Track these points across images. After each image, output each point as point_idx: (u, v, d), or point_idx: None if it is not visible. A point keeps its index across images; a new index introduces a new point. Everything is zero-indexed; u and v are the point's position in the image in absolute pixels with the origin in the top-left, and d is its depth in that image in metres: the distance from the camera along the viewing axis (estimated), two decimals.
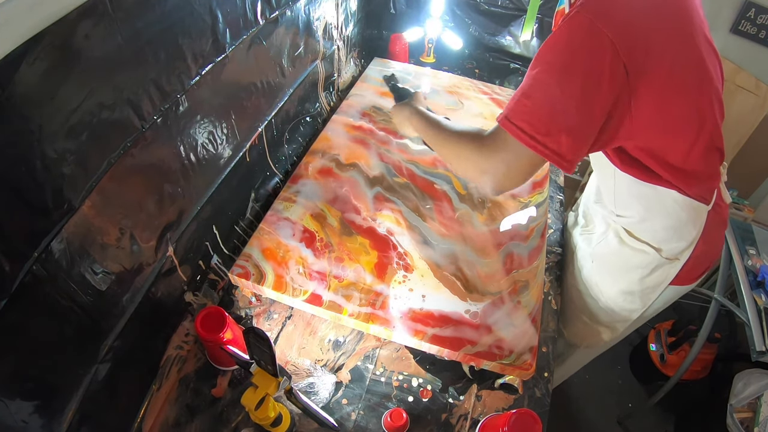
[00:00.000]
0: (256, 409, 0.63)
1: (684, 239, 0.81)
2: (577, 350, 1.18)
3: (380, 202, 1.00)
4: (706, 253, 0.85)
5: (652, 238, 0.83)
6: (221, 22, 0.72)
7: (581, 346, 1.12)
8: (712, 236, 0.83)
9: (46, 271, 0.50)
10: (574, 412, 1.62)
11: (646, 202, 0.79)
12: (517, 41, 1.58)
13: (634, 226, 0.85)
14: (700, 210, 0.78)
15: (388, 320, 0.80)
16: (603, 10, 0.58)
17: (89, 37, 0.49)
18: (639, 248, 0.84)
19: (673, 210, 0.77)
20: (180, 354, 0.81)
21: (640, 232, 0.84)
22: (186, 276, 0.82)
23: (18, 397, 0.50)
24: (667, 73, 0.61)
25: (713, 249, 0.87)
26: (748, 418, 1.23)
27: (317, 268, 0.86)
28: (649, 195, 0.76)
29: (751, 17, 1.43)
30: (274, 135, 1.04)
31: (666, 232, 0.81)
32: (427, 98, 1.02)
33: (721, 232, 0.87)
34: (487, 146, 0.68)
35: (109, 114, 0.54)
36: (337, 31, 1.25)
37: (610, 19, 0.58)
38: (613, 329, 0.99)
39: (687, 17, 0.65)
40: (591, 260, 0.95)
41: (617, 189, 0.82)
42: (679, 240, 0.81)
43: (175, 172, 0.72)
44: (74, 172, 0.51)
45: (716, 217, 0.82)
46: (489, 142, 0.68)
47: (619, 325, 0.98)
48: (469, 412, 0.79)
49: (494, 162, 0.66)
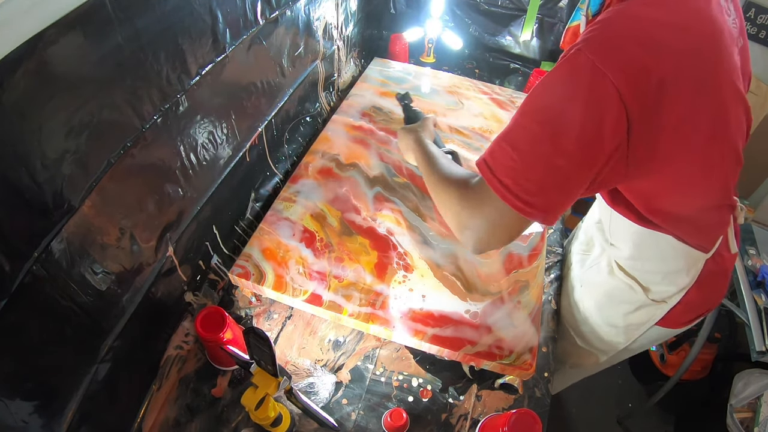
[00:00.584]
0: (256, 409, 0.63)
1: (674, 285, 0.76)
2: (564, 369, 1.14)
3: (380, 202, 1.00)
4: (699, 302, 0.79)
5: (641, 277, 0.79)
6: (221, 22, 0.72)
7: (567, 365, 1.09)
8: (708, 286, 0.77)
9: (46, 271, 0.50)
10: (574, 412, 1.62)
11: (639, 240, 0.73)
12: (517, 41, 1.58)
13: (625, 261, 0.81)
14: (697, 258, 0.72)
15: (388, 320, 0.80)
16: (610, 51, 0.49)
17: (89, 38, 0.49)
18: (627, 283, 0.80)
19: (667, 254, 0.72)
20: (180, 354, 0.81)
21: (630, 268, 0.80)
22: (186, 276, 0.82)
23: (18, 397, 0.50)
24: (674, 127, 0.52)
25: (709, 299, 0.81)
26: (748, 418, 1.23)
27: (317, 268, 0.86)
28: (644, 234, 0.71)
29: (751, 17, 1.43)
30: (274, 135, 1.04)
31: (655, 276, 0.77)
32: (438, 125, 0.97)
33: (720, 282, 0.80)
34: (469, 199, 0.60)
35: (109, 114, 0.54)
36: (337, 31, 1.25)
37: (618, 62, 0.48)
38: (598, 354, 0.96)
39: (714, 60, 0.53)
40: (580, 284, 0.93)
41: (613, 219, 0.77)
42: (669, 285, 0.76)
43: (175, 172, 0.72)
44: (74, 172, 0.51)
45: (715, 267, 0.75)
46: (472, 194, 0.60)
47: (603, 354, 0.95)
48: (469, 412, 0.79)
49: (476, 219, 0.59)
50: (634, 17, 0.51)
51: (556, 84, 0.53)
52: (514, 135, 0.55)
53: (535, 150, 0.53)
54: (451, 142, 1.16)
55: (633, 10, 0.52)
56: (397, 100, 1.09)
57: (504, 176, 0.54)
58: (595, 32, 0.51)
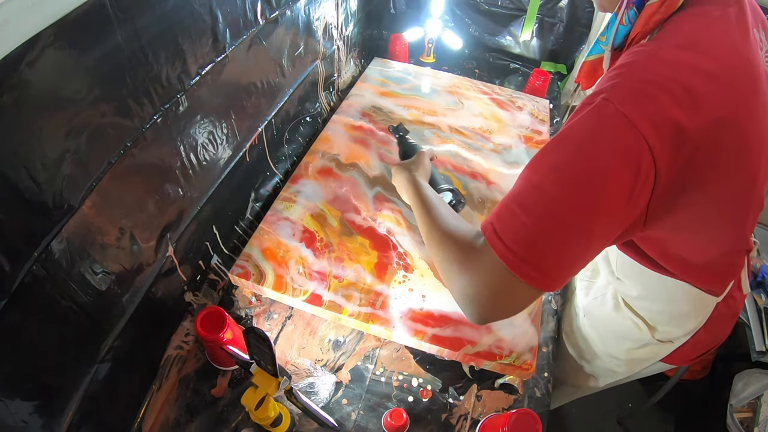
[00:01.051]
0: (256, 409, 0.63)
1: (682, 328, 0.73)
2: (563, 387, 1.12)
3: (380, 202, 1.00)
4: (706, 341, 0.76)
5: (648, 317, 0.76)
6: (221, 22, 0.72)
7: (567, 384, 1.07)
8: (716, 327, 0.74)
9: (46, 271, 0.50)
10: (574, 412, 1.62)
11: (648, 281, 0.69)
12: (517, 41, 1.59)
13: (632, 300, 0.77)
14: (707, 302, 0.68)
15: (388, 320, 0.80)
16: (642, 100, 0.43)
17: (89, 38, 0.49)
18: (633, 320, 0.77)
19: (675, 297, 0.68)
20: (180, 354, 0.81)
21: (637, 307, 0.77)
22: (186, 276, 0.82)
23: (18, 397, 0.50)
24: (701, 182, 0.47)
25: (716, 337, 0.77)
26: (748, 418, 1.23)
27: (317, 268, 0.86)
28: (652, 276, 0.66)
29: None
30: (274, 135, 1.04)
31: (663, 316, 0.74)
32: (435, 158, 0.95)
33: (729, 323, 0.76)
34: (472, 263, 0.53)
35: (109, 114, 0.54)
36: (337, 31, 1.25)
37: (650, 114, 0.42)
38: (599, 379, 0.95)
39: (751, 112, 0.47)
40: (583, 314, 0.89)
41: (620, 256, 0.72)
42: (676, 327, 0.73)
43: (175, 172, 0.72)
44: (74, 172, 0.51)
45: (726, 310, 0.72)
46: (475, 258, 0.53)
47: (603, 380, 0.94)
48: (469, 412, 0.79)
49: (478, 287, 0.51)
50: (667, 62, 0.46)
51: (579, 138, 0.46)
52: (525, 196, 0.48)
53: (550, 212, 0.46)
54: (451, 142, 1.16)
55: (665, 54, 0.47)
56: (390, 132, 1.07)
57: (513, 243, 0.47)
58: (623, 78, 0.46)
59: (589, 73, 0.65)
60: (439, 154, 1.12)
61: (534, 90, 1.43)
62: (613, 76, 0.47)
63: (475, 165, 1.11)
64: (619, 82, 0.45)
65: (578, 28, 1.51)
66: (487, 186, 1.06)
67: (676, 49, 0.47)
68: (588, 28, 1.49)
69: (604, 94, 0.45)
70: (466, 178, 1.08)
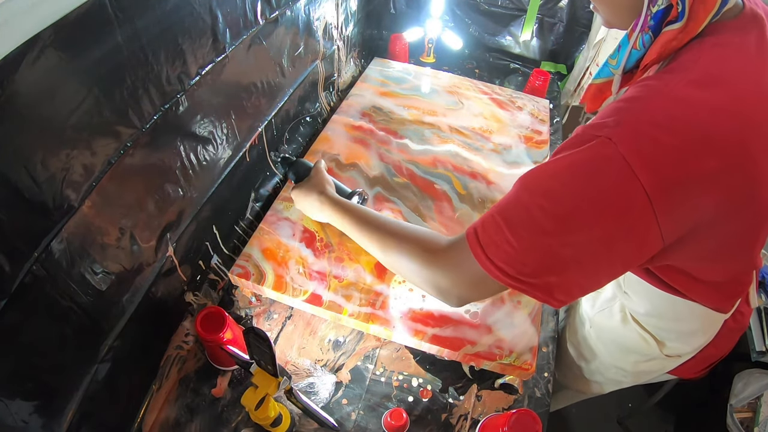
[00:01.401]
0: (256, 409, 0.63)
1: (689, 344, 0.73)
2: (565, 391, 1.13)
3: (380, 202, 1.00)
4: (713, 354, 0.77)
5: (656, 333, 0.75)
6: (221, 22, 0.72)
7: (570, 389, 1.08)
8: (723, 341, 0.74)
9: (46, 271, 0.50)
10: (574, 412, 1.62)
11: (656, 300, 0.69)
12: (517, 41, 1.59)
13: (639, 316, 0.77)
14: (715, 319, 0.68)
15: (388, 320, 0.80)
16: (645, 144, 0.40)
17: (89, 37, 0.49)
18: (640, 334, 0.76)
19: (684, 316, 0.68)
20: (180, 354, 0.81)
21: (645, 323, 0.76)
22: (186, 276, 0.82)
23: (18, 397, 0.50)
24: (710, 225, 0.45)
25: (722, 350, 0.78)
26: (748, 418, 1.23)
27: (317, 268, 0.86)
28: (662, 296, 0.66)
29: None
30: (274, 135, 1.04)
31: (671, 333, 0.74)
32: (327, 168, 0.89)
33: (736, 336, 0.76)
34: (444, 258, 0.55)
35: (109, 114, 0.54)
36: (337, 31, 1.25)
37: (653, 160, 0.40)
38: (603, 386, 0.95)
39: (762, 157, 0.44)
40: (589, 325, 0.88)
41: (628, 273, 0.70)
42: (684, 344, 0.74)
43: (175, 172, 0.72)
44: (74, 172, 0.51)
45: (734, 325, 0.72)
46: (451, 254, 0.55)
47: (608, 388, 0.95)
48: (469, 412, 0.79)
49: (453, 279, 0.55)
50: (679, 101, 0.42)
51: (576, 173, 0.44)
52: (513, 214, 0.47)
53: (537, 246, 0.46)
54: (451, 142, 1.16)
55: (678, 91, 0.43)
56: (276, 167, 1.05)
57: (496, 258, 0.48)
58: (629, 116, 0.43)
59: (596, 95, 0.62)
60: (439, 154, 1.12)
61: (534, 90, 1.43)
62: (620, 109, 0.44)
63: (475, 165, 1.12)
64: (625, 119, 0.43)
65: (578, 28, 1.51)
66: (487, 186, 1.07)
67: (690, 86, 0.43)
68: (588, 28, 1.49)
69: (608, 130, 0.42)
70: (466, 178, 1.08)
